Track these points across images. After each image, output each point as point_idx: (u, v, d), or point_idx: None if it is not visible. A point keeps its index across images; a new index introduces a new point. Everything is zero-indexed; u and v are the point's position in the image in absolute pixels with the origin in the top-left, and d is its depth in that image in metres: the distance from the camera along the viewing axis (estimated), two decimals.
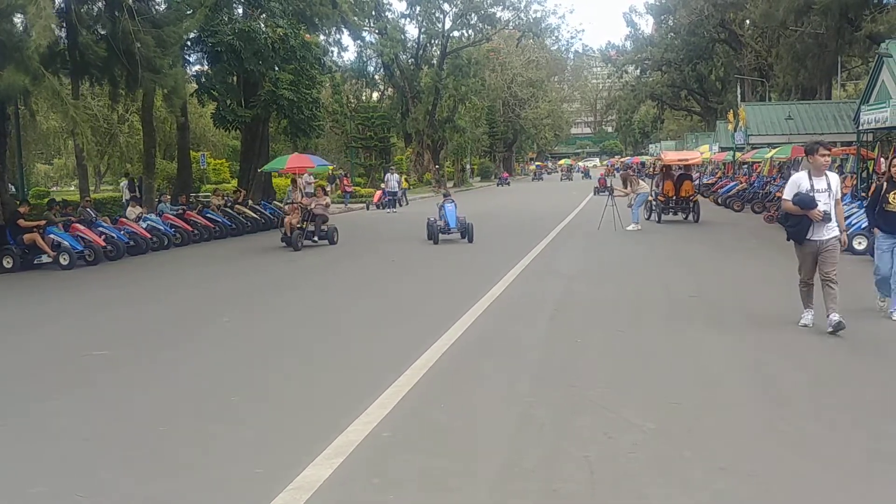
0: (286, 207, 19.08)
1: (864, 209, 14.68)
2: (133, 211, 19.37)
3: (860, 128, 19.40)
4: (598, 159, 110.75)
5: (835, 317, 7.46)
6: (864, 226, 13.90)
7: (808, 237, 7.59)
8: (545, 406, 5.64)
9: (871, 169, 20.67)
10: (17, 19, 17.26)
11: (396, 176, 35.08)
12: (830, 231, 7.57)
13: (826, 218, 7.45)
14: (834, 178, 7.70)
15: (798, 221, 7.60)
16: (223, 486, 4.36)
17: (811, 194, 7.49)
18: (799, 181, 7.65)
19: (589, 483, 4.27)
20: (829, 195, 7.53)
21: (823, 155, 7.63)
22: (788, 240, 7.87)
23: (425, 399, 5.90)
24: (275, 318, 9.73)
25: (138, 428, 5.46)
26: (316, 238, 17.98)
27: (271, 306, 10.59)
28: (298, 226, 17.62)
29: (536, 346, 7.56)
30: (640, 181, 20.74)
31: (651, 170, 45.12)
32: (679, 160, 23.09)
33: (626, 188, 20.78)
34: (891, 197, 8.47)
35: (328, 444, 4.88)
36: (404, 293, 11.42)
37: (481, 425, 5.28)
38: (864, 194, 17.08)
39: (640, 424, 5.14)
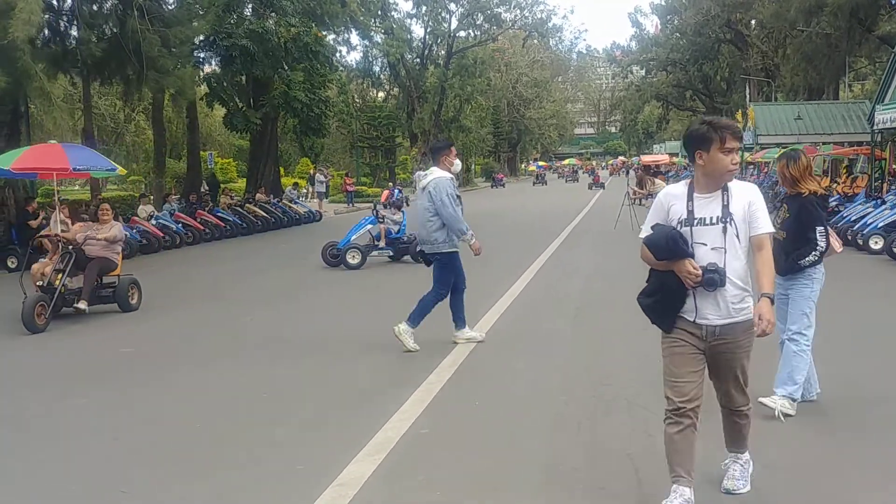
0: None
1: (877, 208, 14.75)
2: (144, 209, 19.36)
3: (875, 127, 19.37)
4: (594, 162, 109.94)
5: (735, 480, 4.09)
6: (880, 225, 13.89)
7: (684, 315, 3.74)
8: (580, 404, 5.61)
9: (884, 168, 20.66)
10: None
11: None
12: (736, 308, 3.68)
13: (712, 280, 3.59)
14: (746, 194, 3.71)
15: (660, 284, 3.76)
16: (266, 483, 4.34)
17: (685, 228, 3.69)
18: (670, 202, 3.77)
19: (635, 481, 4.25)
20: (729, 232, 3.64)
21: (724, 150, 3.63)
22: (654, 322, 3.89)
23: (458, 396, 5.88)
24: (297, 317, 9.71)
25: (169, 426, 5.44)
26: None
27: (292, 306, 10.57)
28: (45, 282, 9.47)
29: (563, 345, 7.53)
30: (656, 180, 20.77)
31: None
32: (653, 161, 29.84)
33: (642, 189, 20.83)
34: (778, 215, 5.49)
35: (367, 440, 4.86)
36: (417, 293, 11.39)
37: (518, 423, 5.25)
38: (877, 194, 17.06)
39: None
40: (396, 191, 36.19)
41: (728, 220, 3.66)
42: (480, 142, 62.78)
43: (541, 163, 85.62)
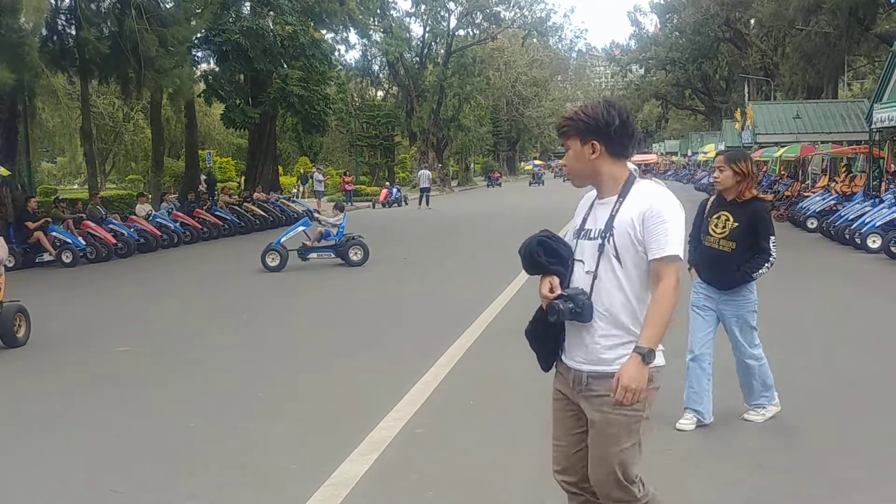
0: None
1: (875, 207, 14.73)
2: (143, 208, 19.35)
3: (873, 126, 19.37)
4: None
5: None
6: (878, 224, 13.88)
7: (562, 357, 2.96)
8: None
9: (882, 167, 20.67)
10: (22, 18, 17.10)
11: (428, 173, 34.47)
12: (609, 356, 2.77)
13: (553, 308, 2.79)
14: (642, 202, 2.72)
15: (539, 308, 3.01)
16: (260, 482, 4.34)
17: (574, 240, 2.92)
18: (579, 207, 3.03)
19: None
20: (606, 252, 2.76)
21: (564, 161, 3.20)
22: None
23: (453, 395, 5.88)
24: (294, 315, 9.71)
25: (168, 424, 5.43)
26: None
27: (290, 304, 10.57)
28: None
29: None
30: (657, 179, 20.82)
31: None
32: (641, 160, 28.87)
33: None
34: (712, 224, 4.95)
35: (361, 439, 4.85)
36: (420, 291, 11.40)
37: (513, 422, 5.25)
38: (875, 193, 17.05)
39: (674, 422, 5.10)
40: (395, 190, 36.41)
41: (608, 235, 2.73)
42: (479, 141, 62.71)
43: (537, 161, 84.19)
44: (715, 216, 4.93)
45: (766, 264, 4.84)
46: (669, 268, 2.67)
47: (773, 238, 4.87)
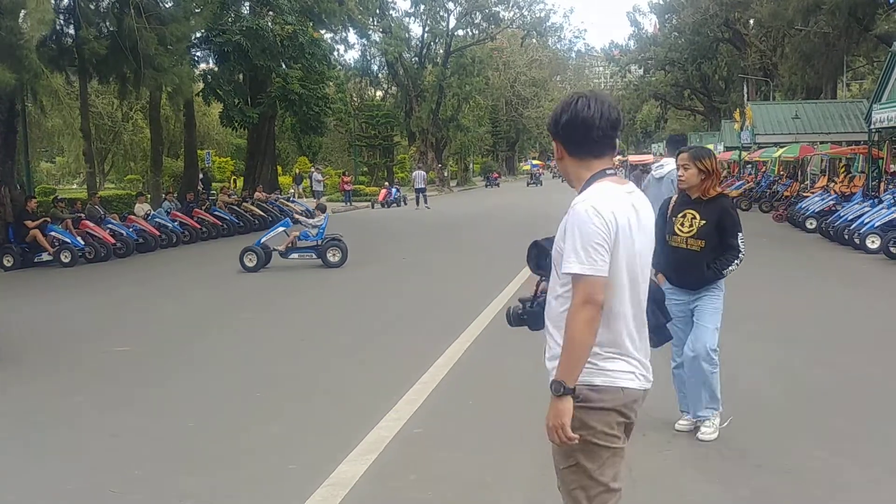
0: None
1: (874, 208, 14.73)
2: (142, 208, 19.34)
3: (872, 126, 19.38)
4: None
5: None
6: (877, 224, 13.88)
7: None
8: None
9: (880, 168, 20.68)
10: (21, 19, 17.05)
11: (423, 173, 34.08)
12: (549, 365, 2.59)
13: (514, 315, 2.91)
14: (568, 214, 2.52)
15: None
16: (258, 482, 4.33)
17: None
18: None
19: (628, 480, 4.22)
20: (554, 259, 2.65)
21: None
22: None
23: (452, 395, 5.87)
24: (293, 315, 9.70)
25: (166, 424, 5.43)
26: None
27: (288, 304, 10.56)
28: None
29: None
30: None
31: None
32: (638, 161, 31.00)
33: None
34: (678, 224, 4.86)
35: (360, 440, 4.85)
36: (419, 291, 11.39)
37: (512, 423, 5.24)
38: (874, 193, 17.05)
39: (673, 422, 5.10)
40: (395, 190, 36.38)
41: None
42: (478, 141, 62.71)
43: (535, 161, 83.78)
44: (680, 215, 4.84)
45: (736, 261, 4.78)
46: (575, 287, 2.40)
47: (741, 234, 4.81)
